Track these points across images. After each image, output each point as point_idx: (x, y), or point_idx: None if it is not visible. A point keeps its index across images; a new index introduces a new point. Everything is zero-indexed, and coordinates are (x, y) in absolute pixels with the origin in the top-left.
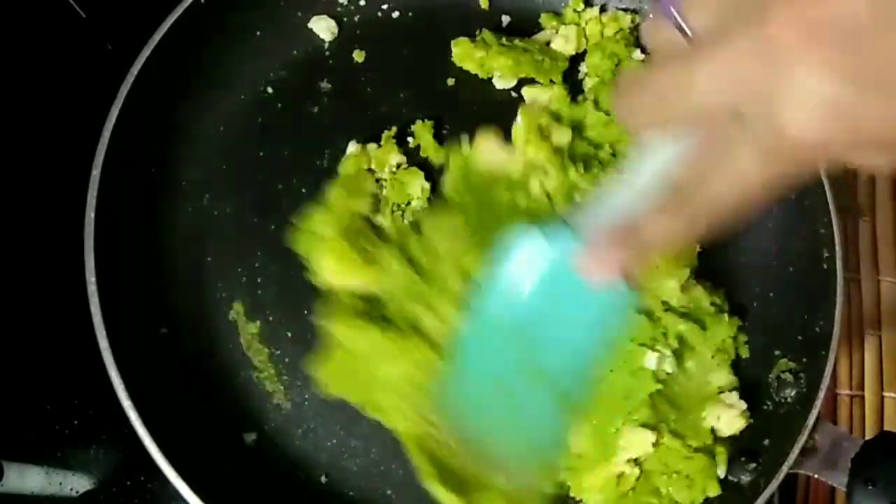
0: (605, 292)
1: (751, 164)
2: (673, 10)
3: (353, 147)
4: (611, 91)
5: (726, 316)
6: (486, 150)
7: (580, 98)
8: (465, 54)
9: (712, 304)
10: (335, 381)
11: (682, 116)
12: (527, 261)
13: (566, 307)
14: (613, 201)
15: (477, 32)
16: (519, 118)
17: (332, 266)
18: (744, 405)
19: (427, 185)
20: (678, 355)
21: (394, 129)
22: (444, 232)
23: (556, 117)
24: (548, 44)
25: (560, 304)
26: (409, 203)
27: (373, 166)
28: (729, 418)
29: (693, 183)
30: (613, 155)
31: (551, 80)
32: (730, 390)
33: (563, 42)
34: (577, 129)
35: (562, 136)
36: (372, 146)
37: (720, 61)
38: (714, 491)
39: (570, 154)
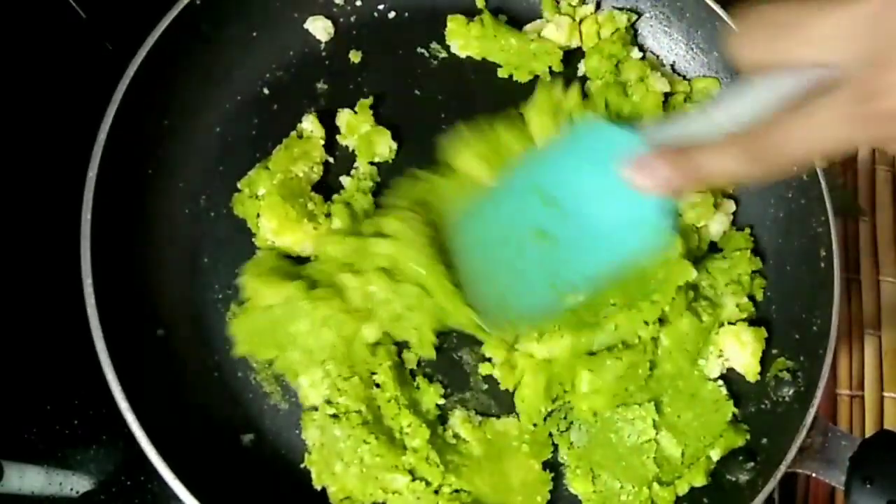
0: (643, 209)
1: (831, 121)
2: None
3: (307, 122)
4: (741, 21)
5: (749, 252)
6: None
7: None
8: (458, 31)
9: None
10: (247, 338)
11: (795, 58)
12: (587, 145)
13: (604, 203)
14: (687, 125)
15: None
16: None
17: (272, 224)
18: (755, 344)
19: (394, 145)
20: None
21: (371, 98)
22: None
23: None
24: (539, 35)
25: (600, 196)
26: (374, 163)
27: (341, 132)
28: (744, 356)
29: (770, 127)
30: None
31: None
32: (737, 322)
33: (555, 29)
34: None
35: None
36: (346, 111)
37: (847, 15)
38: (700, 481)
39: None
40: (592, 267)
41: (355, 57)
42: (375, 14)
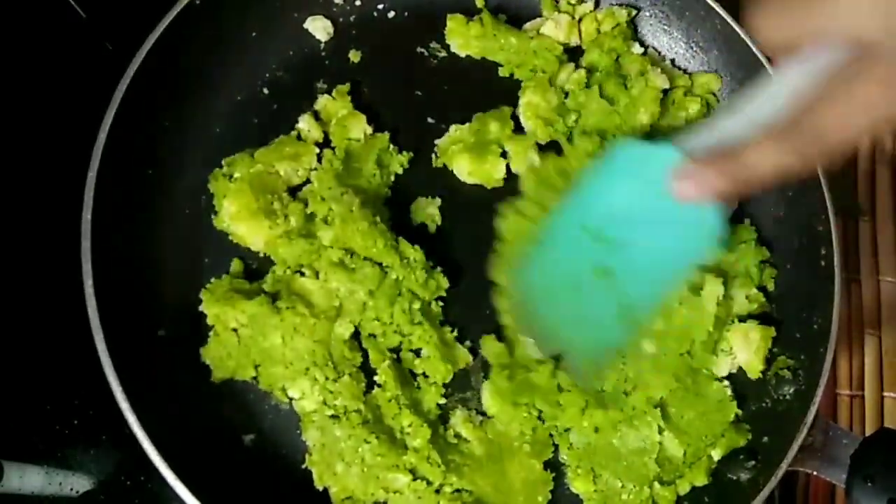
0: (695, 219)
1: (871, 97)
2: None
3: (304, 121)
4: (753, 8)
5: (754, 243)
6: None
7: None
8: (457, 30)
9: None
10: (221, 363)
11: (821, 32)
12: (625, 169)
13: (654, 223)
14: (724, 127)
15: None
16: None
17: (232, 209)
18: (761, 343)
19: (369, 129)
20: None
21: (347, 84)
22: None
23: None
24: (539, 33)
25: (649, 218)
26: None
27: (326, 126)
28: (748, 354)
29: (809, 113)
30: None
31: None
32: (748, 319)
33: (553, 26)
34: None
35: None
36: (324, 97)
37: None
38: (701, 480)
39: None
40: (656, 290)
41: (355, 57)
42: (375, 14)
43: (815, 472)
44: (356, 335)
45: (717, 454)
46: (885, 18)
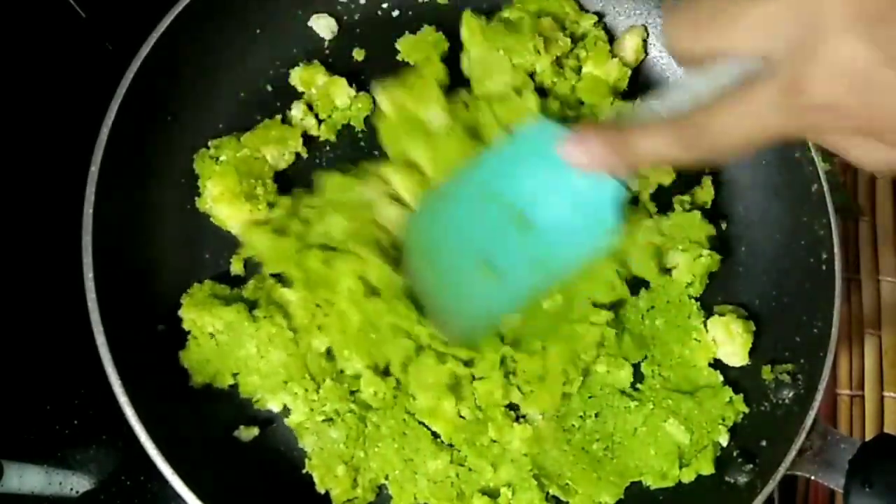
0: (594, 200)
1: (760, 110)
2: None
3: (296, 108)
4: (674, 11)
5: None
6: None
7: None
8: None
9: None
10: (200, 368)
11: (727, 47)
12: (530, 146)
13: (550, 193)
14: (631, 120)
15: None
16: None
17: (215, 191)
18: (745, 336)
19: (352, 91)
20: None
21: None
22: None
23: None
24: None
25: (548, 199)
26: (333, 113)
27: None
28: (733, 346)
29: (703, 112)
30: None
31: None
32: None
33: None
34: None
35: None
36: (297, 68)
37: (774, 3)
38: (708, 469)
39: None
40: (545, 274)
41: (359, 55)
42: (379, 12)
43: (812, 477)
44: None
45: (724, 440)
46: (786, 42)
